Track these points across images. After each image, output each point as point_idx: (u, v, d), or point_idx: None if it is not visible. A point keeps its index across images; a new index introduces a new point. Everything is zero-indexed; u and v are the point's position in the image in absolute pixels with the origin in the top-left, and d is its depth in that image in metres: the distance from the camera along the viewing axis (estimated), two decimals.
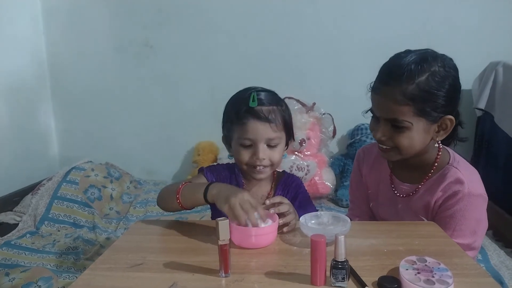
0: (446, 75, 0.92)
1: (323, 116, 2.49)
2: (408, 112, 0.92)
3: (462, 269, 0.75)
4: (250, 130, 1.00)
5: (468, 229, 0.97)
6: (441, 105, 0.93)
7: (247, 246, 0.86)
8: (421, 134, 0.95)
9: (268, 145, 1.03)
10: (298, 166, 2.38)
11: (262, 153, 1.01)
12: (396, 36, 2.34)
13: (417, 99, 0.91)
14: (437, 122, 0.96)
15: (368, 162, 1.19)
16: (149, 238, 0.96)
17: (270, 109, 1.02)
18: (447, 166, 1.02)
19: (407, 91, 0.90)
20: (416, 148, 0.98)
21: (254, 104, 1.00)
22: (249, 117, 1.00)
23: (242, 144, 1.02)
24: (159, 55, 2.69)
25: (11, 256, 1.73)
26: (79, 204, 2.16)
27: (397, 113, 0.93)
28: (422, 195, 1.04)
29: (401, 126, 0.94)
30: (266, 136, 1.01)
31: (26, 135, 2.61)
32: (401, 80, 0.91)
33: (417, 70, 0.91)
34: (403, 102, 0.91)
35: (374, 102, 0.99)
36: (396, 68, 0.93)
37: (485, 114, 2.20)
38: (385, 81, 0.95)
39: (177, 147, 2.80)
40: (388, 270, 0.75)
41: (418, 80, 0.90)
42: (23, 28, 2.61)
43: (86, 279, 0.76)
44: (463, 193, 0.96)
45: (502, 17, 2.38)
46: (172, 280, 0.73)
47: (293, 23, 2.55)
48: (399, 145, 0.97)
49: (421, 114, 0.92)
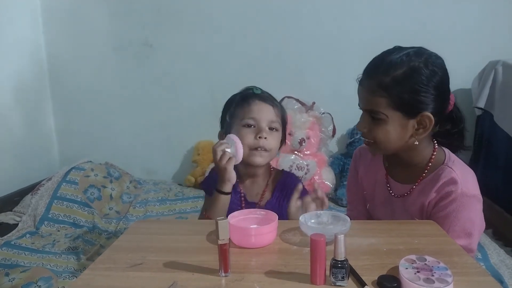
0: (427, 72, 0.93)
1: (322, 115, 2.49)
2: (384, 104, 0.94)
3: (462, 268, 0.75)
4: (255, 109, 1.07)
5: (463, 230, 0.97)
6: (418, 100, 0.93)
7: (247, 246, 0.86)
8: (397, 129, 0.96)
9: (270, 128, 1.08)
10: (297, 166, 2.38)
11: (265, 132, 1.06)
12: (395, 35, 2.33)
13: (392, 91, 0.92)
14: (415, 118, 0.96)
15: (365, 163, 1.20)
16: (149, 237, 0.96)
17: (272, 97, 1.13)
18: (442, 166, 1.01)
19: (383, 83, 0.93)
20: (393, 142, 0.98)
21: (258, 91, 1.10)
22: (254, 98, 1.08)
23: (246, 124, 1.07)
24: (158, 55, 2.69)
25: (11, 256, 1.72)
26: (79, 204, 2.16)
27: (373, 103, 0.96)
28: (416, 195, 1.04)
29: (377, 117, 0.96)
30: (269, 117, 1.08)
31: (26, 135, 2.61)
32: (378, 72, 0.94)
33: (395, 64, 0.93)
34: (378, 93, 0.94)
35: (358, 94, 1.03)
36: (378, 61, 0.97)
37: (485, 113, 2.21)
38: (366, 73, 0.99)
39: (176, 146, 2.80)
40: (387, 269, 0.75)
41: (395, 73, 0.92)
42: (23, 28, 2.61)
43: (86, 279, 0.76)
44: (457, 194, 0.95)
45: (501, 16, 2.38)
46: (172, 280, 0.73)
47: (293, 23, 2.55)
48: (375, 137, 0.98)
49: (396, 107, 0.94)
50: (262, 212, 0.95)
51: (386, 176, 1.12)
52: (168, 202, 2.32)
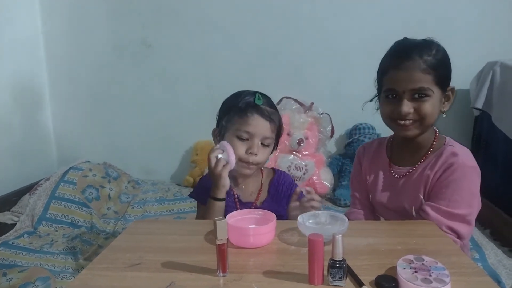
0: (445, 51, 1.06)
1: (321, 115, 2.49)
2: (430, 81, 1.01)
3: (460, 268, 0.76)
4: (252, 124, 1.06)
5: (464, 199, 1.01)
6: (448, 76, 1.06)
7: (245, 246, 0.86)
8: (438, 103, 1.05)
9: (262, 143, 1.09)
10: (296, 166, 2.38)
11: (256, 149, 1.07)
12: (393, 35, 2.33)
13: (436, 68, 1.01)
14: (445, 92, 1.06)
15: (368, 156, 1.25)
16: (147, 237, 0.96)
17: (272, 111, 1.10)
18: (443, 145, 1.09)
19: (428, 61, 1.01)
20: (435, 117, 1.05)
21: (259, 102, 1.08)
22: (253, 111, 1.06)
23: (239, 136, 1.07)
24: (157, 54, 2.69)
25: (9, 256, 1.72)
26: (77, 204, 2.16)
27: (423, 81, 1.01)
28: (421, 171, 1.08)
29: (425, 94, 1.02)
30: (263, 133, 1.08)
31: (24, 135, 2.61)
32: (422, 52, 1.02)
33: (428, 45, 1.04)
34: (426, 71, 1.01)
35: (396, 78, 1.04)
36: (412, 45, 1.05)
37: (483, 113, 2.21)
38: (408, 56, 1.03)
39: (175, 146, 2.79)
40: (385, 269, 0.75)
41: (432, 52, 1.02)
42: (22, 28, 2.60)
43: (83, 279, 0.76)
44: (458, 164, 1.02)
45: (499, 17, 2.39)
46: (170, 280, 0.73)
47: (291, 22, 2.56)
48: (424, 113, 1.03)
49: (438, 82, 1.02)
50: (260, 212, 0.95)
51: (389, 163, 1.17)
52: (167, 202, 2.31)
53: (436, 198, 1.03)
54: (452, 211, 0.99)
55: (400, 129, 1.08)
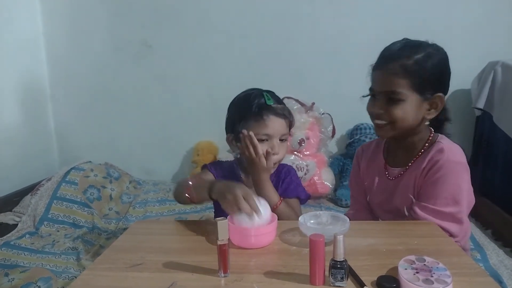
0: (439, 57, 1.03)
1: (322, 116, 2.49)
2: (405, 85, 1.00)
3: (461, 268, 0.76)
4: (269, 125, 1.08)
5: (450, 196, 1.00)
6: (434, 83, 1.02)
7: (246, 246, 0.86)
8: (414, 109, 1.02)
9: (280, 140, 1.11)
10: (297, 166, 2.38)
11: (277, 148, 1.10)
12: (394, 35, 2.33)
13: (414, 73, 0.99)
14: (429, 100, 1.03)
15: (366, 156, 1.25)
16: (148, 238, 0.96)
17: (283, 107, 1.13)
18: (434, 144, 1.07)
19: (406, 66, 1.00)
20: (409, 122, 1.03)
21: (270, 102, 1.10)
22: (268, 113, 1.08)
23: (258, 139, 1.07)
24: (158, 55, 2.69)
25: (11, 257, 1.72)
26: (79, 205, 2.16)
27: (395, 85, 1.00)
28: (411, 171, 1.08)
29: (397, 98, 1.01)
30: (281, 132, 1.11)
31: (25, 135, 2.61)
32: (401, 56, 1.01)
33: (414, 49, 1.02)
34: (401, 75, 1.00)
35: (374, 78, 1.07)
36: (397, 47, 1.05)
37: (484, 113, 2.21)
38: (386, 58, 1.04)
39: (176, 147, 2.79)
40: (387, 270, 0.75)
41: (415, 57, 1.00)
42: (23, 28, 2.61)
43: (85, 279, 0.76)
44: (443, 160, 1.01)
45: (501, 17, 2.38)
46: (171, 280, 0.73)
47: (292, 23, 2.55)
48: (394, 116, 1.02)
49: (415, 88, 1.00)
50: None
51: (385, 164, 1.17)
52: (168, 202, 2.32)
53: (424, 197, 1.02)
54: (440, 209, 0.99)
55: (376, 128, 1.10)
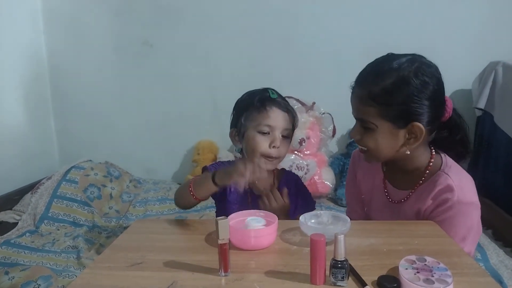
0: (416, 82, 0.90)
1: (322, 115, 2.49)
2: (373, 113, 0.94)
3: (462, 268, 0.75)
4: (272, 116, 1.09)
5: (457, 236, 0.95)
6: (407, 111, 0.92)
7: (246, 248, 0.86)
8: (387, 138, 0.95)
9: (282, 136, 1.11)
10: (297, 166, 2.38)
11: (279, 141, 1.09)
12: (395, 35, 2.34)
13: (381, 101, 0.92)
14: (405, 128, 0.94)
15: (363, 166, 1.19)
16: (149, 237, 0.96)
17: (287, 102, 1.15)
18: (438, 172, 0.99)
19: (372, 92, 0.93)
20: (384, 151, 0.97)
21: (274, 96, 1.12)
22: (271, 104, 1.10)
23: (260, 131, 1.09)
24: (159, 54, 2.69)
25: (11, 255, 1.73)
26: (79, 203, 2.16)
27: (363, 113, 0.96)
28: (413, 201, 1.03)
29: (367, 127, 0.97)
30: (283, 125, 1.11)
31: (26, 134, 2.61)
32: (368, 82, 0.95)
33: (385, 74, 0.93)
34: (367, 103, 0.94)
35: (351, 102, 1.03)
36: (368, 69, 0.98)
37: (485, 114, 2.21)
38: (357, 81, 1.00)
39: (176, 146, 2.80)
40: (387, 270, 0.75)
41: (384, 83, 0.92)
42: (23, 28, 2.61)
43: (85, 278, 0.76)
44: (453, 201, 0.94)
45: (501, 17, 2.38)
46: (171, 279, 0.73)
47: (293, 22, 2.55)
48: (367, 145, 0.99)
49: (385, 117, 0.93)
50: (261, 214, 0.94)
51: (383, 181, 1.12)
52: (168, 201, 2.32)
53: None
54: None
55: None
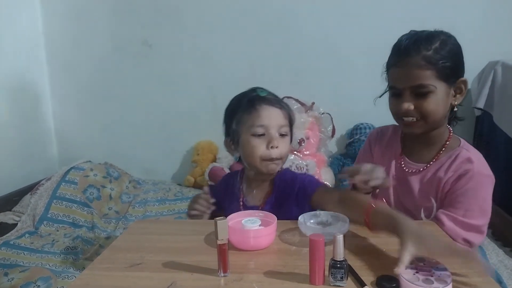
0: (453, 42, 1.03)
1: (322, 115, 2.49)
2: (431, 76, 0.99)
3: (461, 268, 0.75)
4: (264, 115, 1.01)
5: (479, 209, 1.00)
6: (455, 68, 1.02)
7: (245, 248, 0.86)
8: (444, 98, 1.01)
9: (279, 134, 1.03)
10: (297, 166, 2.38)
11: (276, 141, 1.01)
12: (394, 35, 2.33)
13: (437, 63, 0.98)
14: (454, 85, 1.03)
15: (382, 143, 1.21)
16: (148, 237, 0.96)
17: (278, 98, 1.07)
18: (458, 147, 1.06)
19: (427, 56, 0.98)
20: (440, 113, 1.02)
21: (263, 93, 1.04)
22: (261, 103, 1.02)
23: (254, 133, 1.01)
24: (158, 54, 2.69)
25: (10, 256, 1.72)
26: (78, 204, 2.16)
27: (422, 78, 0.99)
28: (433, 172, 1.06)
29: (426, 91, 0.99)
30: (278, 122, 1.02)
31: (25, 134, 2.61)
32: (420, 48, 0.99)
33: (430, 39, 1.01)
34: (425, 66, 0.98)
35: (395, 76, 1.04)
36: (411, 40, 1.02)
37: (484, 113, 2.21)
38: (405, 53, 1.01)
39: (176, 146, 2.80)
40: (386, 270, 0.75)
41: (434, 46, 0.99)
42: (22, 28, 2.61)
43: (84, 278, 0.76)
44: (473, 172, 1.00)
45: (501, 16, 2.38)
46: (170, 280, 0.73)
47: (292, 22, 2.55)
48: (426, 110, 1.00)
49: (441, 77, 0.99)
50: (261, 214, 0.94)
51: (401, 155, 1.14)
52: (168, 202, 2.32)
53: (451, 207, 1.00)
54: (468, 221, 0.98)
55: (405, 126, 1.07)
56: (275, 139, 1.01)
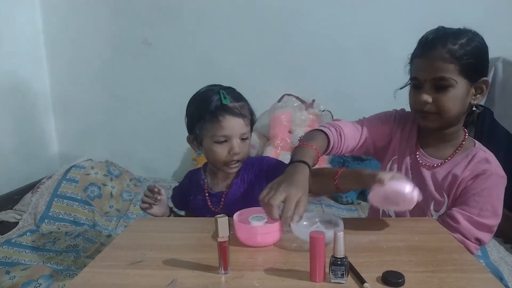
0: (480, 41, 1.03)
1: (322, 113, 2.49)
2: (453, 71, 0.99)
3: (461, 265, 0.75)
4: (226, 126, 1.03)
5: (492, 209, 1.00)
6: (479, 67, 1.02)
7: (252, 245, 0.86)
8: (463, 95, 1.01)
9: (241, 139, 1.07)
10: None
11: (237, 148, 1.05)
12: (395, 33, 2.34)
13: (461, 58, 0.98)
14: (475, 83, 1.02)
15: (403, 129, 1.18)
16: (149, 235, 0.96)
17: (241, 105, 1.07)
18: (474, 148, 1.07)
19: (452, 50, 0.99)
20: (457, 110, 1.02)
21: (226, 101, 1.04)
22: (224, 114, 1.03)
23: (217, 141, 1.05)
24: (158, 52, 2.69)
25: (12, 254, 1.73)
26: (79, 202, 2.17)
27: (444, 70, 0.99)
28: (448, 169, 1.06)
29: (446, 85, 0.99)
30: (240, 131, 1.06)
31: (26, 133, 2.61)
32: (446, 42, 1.00)
33: (457, 34, 1.01)
34: (449, 60, 0.98)
35: (419, 67, 1.04)
36: (439, 34, 1.03)
37: (485, 110, 2.20)
38: (430, 45, 1.02)
39: (176, 144, 2.79)
40: (387, 266, 0.75)
41: (460, 42, 0.99)
42: (22, 27, 2.60)
43: (86, 276, 0.76)
44: (491, 172, 1.00)
45: (502, 13, 2.38)
46: (171, 277, 0.73)
47: (293, 20, 2.55)
48: (444, 104, 1.01)
49: (463, 73, 0.99)
50: None
51: (416, 145, 1.14)
52: (168, 200, 2.31)
53: (466, 205, 1.00)
54: (482, 221, 0.98)
55: (421, 119, 1.07)
56: (237, 146, 1.05)
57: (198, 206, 1.16)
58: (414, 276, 0.71)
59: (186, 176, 1.28)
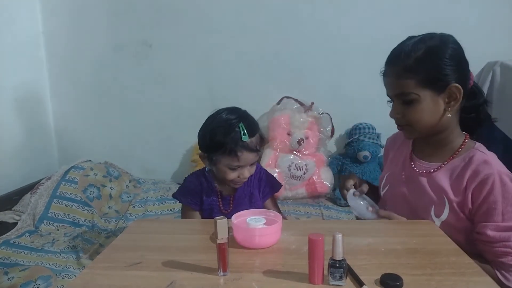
0: (443, 47, 1.00)
1: (321, 115, 2.49)
2: (413, 85, 0.99)
3: (459, 268, 0.76)
4: (242, 160, 1.12)
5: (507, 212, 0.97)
6: (442, 74, 0.99)
7: (250, 246, 0.86)
8: (430, 106, 1.01)
9: (250, 165, 1.17)
10: (296, 166, 2.39)
11: (247, 174, 1.17)
12: (393, 35, 2.33)
13: (417, 71, 0.98)
14: (444, 92, 1.00)
15: (394, 147, 1.26)
16: (148, 237, 0.97)
17: (256, 138, 1.16)
18: (472, 149, 1.04)
19: (407, 66, 0.99)
20: (428, 121, 1.02)
21: (246, 138, 1.10)
22: (243, 150, 1.11)
23: (230, 167, 1.14)
24: (158, 54, 2.69)
25: (10, 255, 1.72)
26: (78, 203, 2.17)
27: (403, 86, 1.00)
28: (444, 173, 1.05)
29: (409, 99, 1.00)
30: (252, 161, 1.16)
31: (25, 134, 2.61)
32: (400, 58, 1.01)
33: (414, 48, 1.01)
34: (404, 76, 1.00)
35: (385, 84, 1.08)
36: (397, 50, 1.04)
37: None
38: (388, 63, 1.05)
39: (176, 146, 2.80)
40: (385, 269, 0.75)
41: (415, 55, 0.99)
42: (22, 28, 2.60)
43: (84, 277, 0.77)
44: (495, 175, 0.97)
45: (499, 17, 2.39)
46: (170, 279, 0.74)
47: (292, 22, 2.55)
48: (411, 119, 1.03)
49: (424, 84, 0.99)
50: (271, 214, 0.95)
51: (411, 154, 1.16)
52: (167, 201, 2.32)
53: (489, 216, 0.97)
54: (508, 224, 0.95)
55: (400, 131, 1.11)
56: (247, 172, 1.16)
57: (210, 207, 1.23)
58: (412, 278, 0.72)
59: (192, 177, 1.28)
